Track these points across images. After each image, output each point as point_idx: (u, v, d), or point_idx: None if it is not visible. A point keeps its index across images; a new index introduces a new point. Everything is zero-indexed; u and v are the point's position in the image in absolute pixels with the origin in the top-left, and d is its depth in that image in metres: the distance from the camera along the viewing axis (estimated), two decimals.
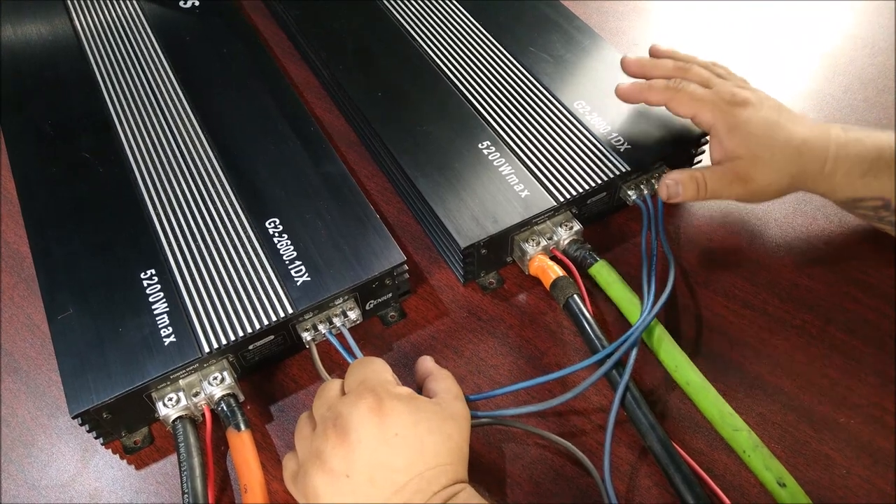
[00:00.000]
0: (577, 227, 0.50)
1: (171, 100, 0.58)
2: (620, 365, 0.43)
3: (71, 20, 0.67)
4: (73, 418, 0.41)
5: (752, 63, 0.67)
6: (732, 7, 0.73)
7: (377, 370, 0.40)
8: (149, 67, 0.61)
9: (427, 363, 0.44)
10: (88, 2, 0.68)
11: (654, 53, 0.54)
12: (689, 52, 0.53)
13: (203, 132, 0.56)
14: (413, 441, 0.36)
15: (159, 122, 0.57)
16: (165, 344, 0.43)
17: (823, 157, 0.46)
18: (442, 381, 0.42)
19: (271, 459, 0.44)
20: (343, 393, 0.39)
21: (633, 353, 0.43)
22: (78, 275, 0.47)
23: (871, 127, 0.47)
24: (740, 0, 0.74)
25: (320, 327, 0.46)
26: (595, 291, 0.50)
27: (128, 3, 0.68)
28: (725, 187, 0.48)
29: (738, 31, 0.71)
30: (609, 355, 0.43)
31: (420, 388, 0.43)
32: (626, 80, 0.52)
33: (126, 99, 0.59)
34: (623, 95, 0.52)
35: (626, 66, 0.53)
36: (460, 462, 0.37)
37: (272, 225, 0.49)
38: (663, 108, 0.51)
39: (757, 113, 0.47)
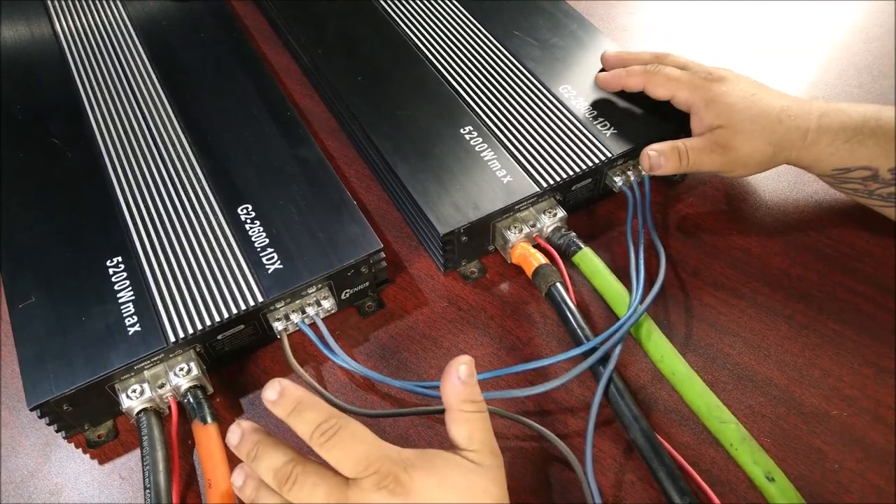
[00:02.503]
0: (560, 213, 0.48)
1: (145, 84, 0.57)
2: (605, 358, 0.42)
3: (44, 2, 0.65)
4: (32, 410, 0.39)
5: (745, 49, 0.65)
6: None
7: (371, 442, 0.33)
8: (123, 51, 0.60)
9: (450, 390, 0.35)
10: None
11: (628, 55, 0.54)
12: (679, 41, 0.52)
13: (177, 117, 0.54)
14: None
15: (132, 106, 0.55)
16: (130, 333, 0.41)
17: (805, 125, 0.46)
18: (462, 425, 0.34)
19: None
20: (329, 468, 0.33)
21: (619, 346, 0.42)
22: (42, 262, 0.45)
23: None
24: None
25: (293, 317, 0.44)
26: (579, 280, 0.48)
27: None
28: (707, 156, 0.47)
29: (730, 16, 0.69)
30: (594, 349, 0.42)
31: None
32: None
33: (98, 83, 0.57)
34: (602, 83, 0.53)
35: (605, 61, 0.54)
36: None
37: (244, 211, 0.47)
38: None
39: (734, 86, 0.47)
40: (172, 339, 0.41)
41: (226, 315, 0.42)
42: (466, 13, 0.61)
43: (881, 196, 0.46)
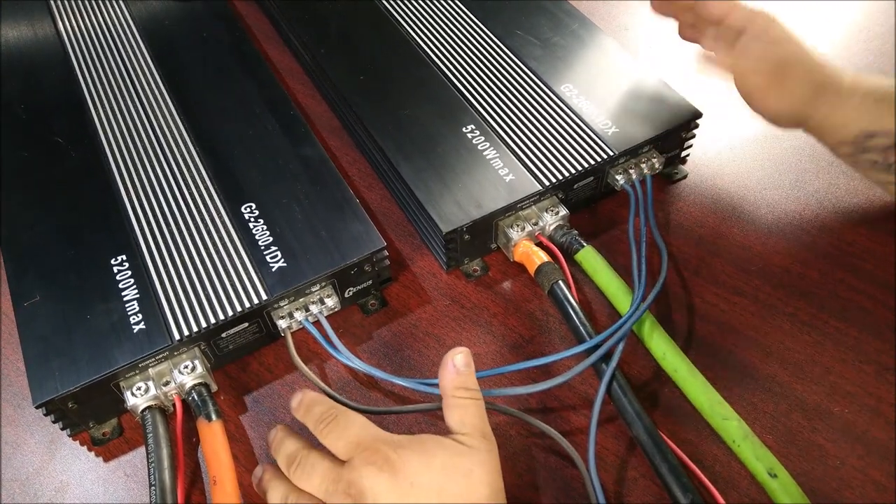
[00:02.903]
0: (563, 212, 0.48)
1: (148, 83, 0.57)
2: (608, 355, 0.42)
3: (47, 1, 0.65)
4: (37, 407, 0.39)
5: None
6: None
7: (363, 425, 0.36)
8: (125, 50, 0.60)
9: (445, 377, 0.37)
10: None
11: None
12: (680, 39, 0.52)
13: (180, 116, 0.54)
14: (430, 484, 0.34)
15: (134, 105, 0.55)
16: (135, 331, 0.42)
17: (840, 77, 0.45)
18: (455, 410, 0.36)
19: (245, 451, 0.42)
20: (332, 455, 0.36)
21: (622, 343, 0.42)
22: (46, 261, 0.45)
23: None
24: None
25: (297, 315, 0.44)
26: (581, 278, 0.49)
27: None
28: (762, 69, 0.47)
29: None
30: (598, 346, 0.42)
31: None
32: (614, 60, 0.51)
33: (101, 82, 0.57)
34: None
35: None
36: (491, 499, 0.34)
37: (248, 210, 0.47)
38: (652, 90, 0.49)
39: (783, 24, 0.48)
40: (177, 336, 0.41)
41: (230, 313, 0.42)
42: (468, 12, 0.61)
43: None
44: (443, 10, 0.62)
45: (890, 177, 0.46)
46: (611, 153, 0.49)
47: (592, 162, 0.49)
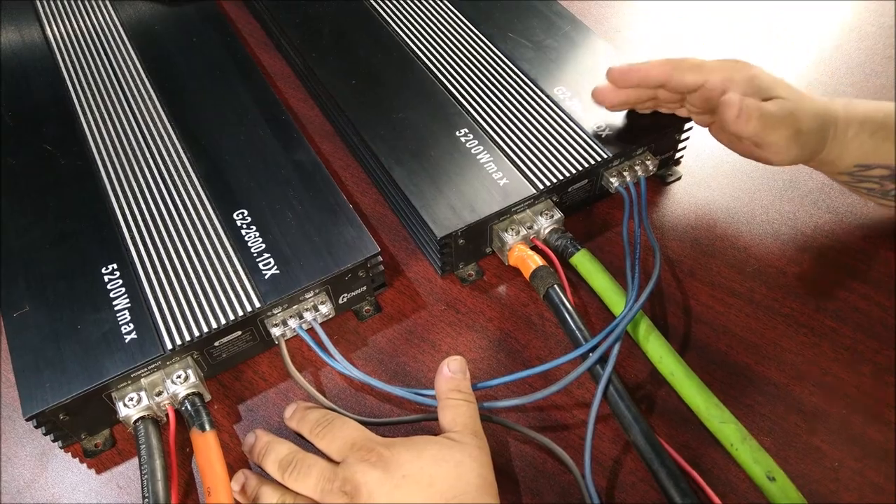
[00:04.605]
0: (557, 215, 0.48)
1: (139, 89, 0.56)
2: (604, 359, 0.42)
3: (34, 5, 0.64)
4: (28, 420, 0.39)
5: (737, 49, 0.65)
6: None
7: (357, 428, 0.38)
8: (115, 56, 0.59)
9: (440, 381, 0.40)
10: None
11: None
12: (672, 41, 0.52)
13: (170, 122, 0.53)
14: (420, 474, 0.35)
15: (124, 111, 0.54)
16: (126, 341, 0.41)
17: (834, 110, 0.44)
18: (448, 410, 0.38)
19: (238, 461, 0.42)
20: (329, 458, 0.38)
21: (617, 345, 0.42)
22: (35, 270, 0.45)
23: None
24: None
25: (290, 322, 0.44)
26: (577, 282, 0.48)
27: None
28: (779, 123, 0.42)
29: (722, 16, 0.69)
30: (593, 349, 0.42)
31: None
32: (606, 63, 0.50)
33: (90, 88, 0.56)
34: (618, 78, 0.48)
35: (614, 76, 0.48)
36: (482, 489, 0.35)
37: (240, 216, 0.47)
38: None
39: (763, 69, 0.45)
40: (169, 346, 0.41)
41: (223, 321, 0.42)
42: (460, 15, 0.61)
43: None
44: (434, 13, 0.61)
45: (889, 202, 0.47)
46: (605, 155, 0.49)
47: (586, 164, 0.49)
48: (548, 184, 0.48)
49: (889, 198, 0.46)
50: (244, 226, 0.46)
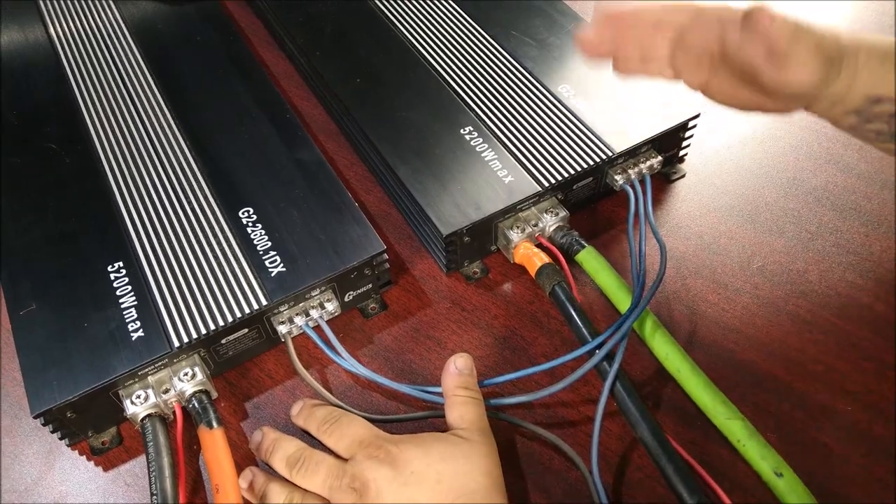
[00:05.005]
0: (562, 213, 0.48)
1: (142, 88, 0.56)
2: (610, 356, 0.42)
3: (37, 5, 0.64)
4: (35, 418, 0.39)
5: None
6: None
7: (364, 425, 0.39)
8: (118, 55, 0.59)
9: (447, 379, 0.40)
10: None
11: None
12: None
13: (175, 121, 0.53)
14: (428, 470, 0.35)
15: (129, 110, 0.54)
16: (133, 339, 0.41)
17: (838, 34, 0.40)
18: (455, 408, 0.39)
19: (246, 458, 0.42)
20: (336, 456, 0.38)
21: (623, 342, 0.42)
22: (42, 268, 0.45)
23: None
24: None
25: (297, 320, 0.44)
26: (582, 279, 0.48)
27: None
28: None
29: None
30: (599, 346, 0.42)
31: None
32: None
33: (94, 87, 0.56)
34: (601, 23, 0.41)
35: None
36: (490, 486, 0.35)
37: (245, 214, 0.47)
38: (650, 89, 0.49)
39: None
40: (176, 344, 0.41)
41: (230, 319, 0.42)
42: (464, 14, 0.61)
43: None
44: (438, 11, 0.62)
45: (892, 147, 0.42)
46: (609, 153, 0.49)
47: (591, 162, 0.49)
48: (553, 181, 0.48)
49: None
50: (250, 224, 0.46)
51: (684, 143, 0.54)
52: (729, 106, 0.44)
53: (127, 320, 0.42)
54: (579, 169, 0.48)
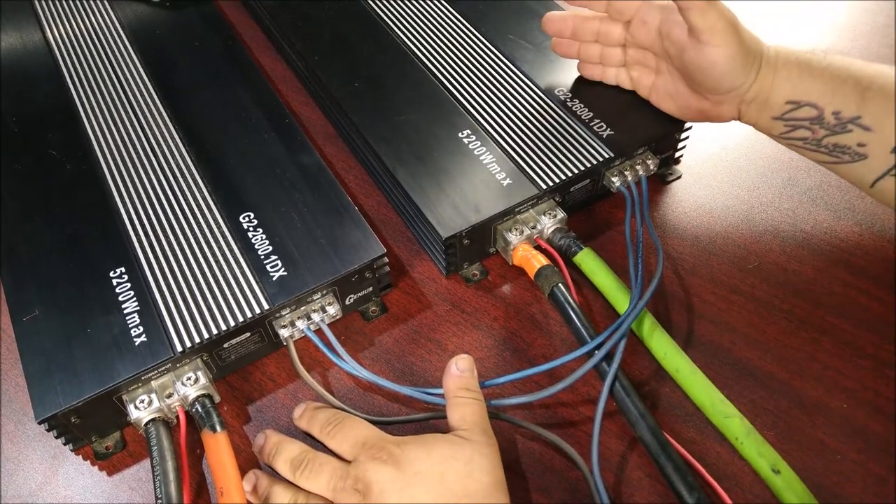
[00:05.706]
0: (560, 215, 0.49)
1: (142, 94, 0.57)
2: (609, 355, 0.42)
3: (34, 10, 0.65)
4: (40, 423, 0.39)
5: None
6: None
7: (366, 427, 0.39)
8: (117, 60, 0.60)
9: (448, 380, 0.40)
10: None
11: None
12: None
13: (174, 126, 0.54)
14: (430, 471, 0.35)
15: (129, 116, 0.55)
16: (136, 344, 0.41)
17: (760, 44, 0.44)
18: (456, 409, 0.39)
19: (249, 462, 0.42)
20: (339, 457, 0.39)
21: (622, 342, 0.42)
22: (45, 274, 0.45)
23: None
24: None
25: (298, 323, 0.44)
26: (581, 280, 0.49)
27: None
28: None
29: None
30: (599, 346, 0.42)
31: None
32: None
33: (94, 93, 0.57)
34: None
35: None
36: (492, 487, 0.36)
37: (246, 219, 0.47)
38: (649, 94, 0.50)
39: None
40: (179, 348, 0.41)
41: (232, 323, 0.42)
42: (461, 17, 0.61)
43: (827, 148, 0.44)
44: (435, 14, 0.62)
45: (821, 155, 0.45)
46: (606, 155, 0.50)
47: (588, 164, 0.49)
48: (550, 184, 0.48)
49: (822, 150, 0.44)
50: (251, 228, 0.47)
51: (680, 145, 0.55)
52: (675, 112, 0.49)
53: (130, 325, 0.42)
54: (577, 171, 0.49)
